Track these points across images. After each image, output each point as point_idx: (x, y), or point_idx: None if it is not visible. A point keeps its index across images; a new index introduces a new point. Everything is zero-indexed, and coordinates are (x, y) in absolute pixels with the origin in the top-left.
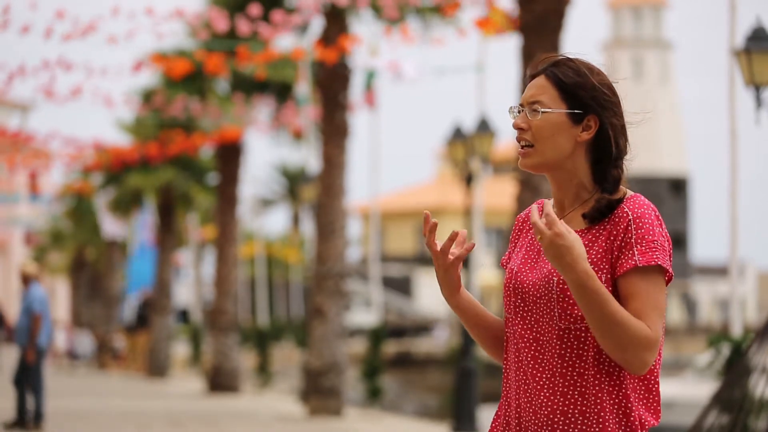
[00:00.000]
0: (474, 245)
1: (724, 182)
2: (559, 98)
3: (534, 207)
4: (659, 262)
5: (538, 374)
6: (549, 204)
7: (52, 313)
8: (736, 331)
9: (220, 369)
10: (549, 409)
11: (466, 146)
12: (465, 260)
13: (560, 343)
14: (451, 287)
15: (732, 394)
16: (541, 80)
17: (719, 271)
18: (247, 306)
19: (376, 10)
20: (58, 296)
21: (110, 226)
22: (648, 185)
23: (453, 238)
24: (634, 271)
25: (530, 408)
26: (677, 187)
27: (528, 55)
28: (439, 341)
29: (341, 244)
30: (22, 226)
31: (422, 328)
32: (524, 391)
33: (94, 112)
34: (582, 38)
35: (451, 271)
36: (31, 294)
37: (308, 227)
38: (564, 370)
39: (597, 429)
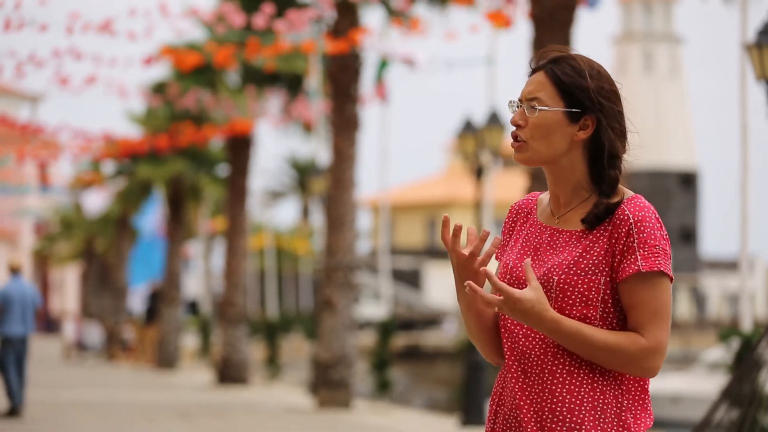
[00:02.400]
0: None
1: (733, 177)
2: (557, 96)
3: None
4: (661, 268)
5: (531, 370)
6: (494, 275)
7: (59, 305)
8: (746, 325)
9: (229, 361)
10: (538, 406)
11: (476, 139)
12: None
13: (554, 341)
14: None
15: (741, 389)
16: (540, 76)
17: (728, 266)
18: (256, 298)
19: (387, 2)
20: (67, 287)
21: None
22: (657, 179)
23: (484, 238)
24: (637, 277)
25: (515, 403)
26: (687, 181)
27: (539, 48)
28: (449, 334)
29: (351, 237)
30: (32, 217)
31: (431, 321)
32: (519, 387)
33: (104, 105)
34: (592, 32)
35: (481, 275)
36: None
37: (318, 219)
38: (554, 368)
39: (585, 428)
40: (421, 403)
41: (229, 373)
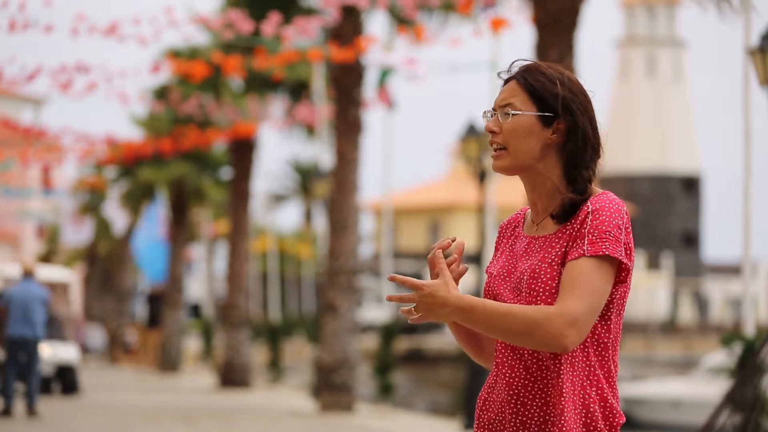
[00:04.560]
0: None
1: (736, 181)
2: (530, 102)
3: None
4: (607, 252)
5: (534, 366)
6: (397, 275)
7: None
8: (749, 330)
9: (231, 364)
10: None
11: (479, 143)
12: (477, 258)
13: None
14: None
15: (744, 394)
16: (512, 85)
17: (731, 270)
18: (258, 301)
19: (392, 10)
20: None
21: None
22: (660, 183)
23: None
24: (580, 260)
25: (501, 406)
26: (689, 185)
27: (542, 52)
28: (451, 338)
29: (354, 240)
30: (35, 220)
31: (434, 324)
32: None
33: (107, 108)
34: (596, 36)
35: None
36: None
37: (321, 223)
38: (529, 364)
39: (565, 416)
40: (424, 407)
41: (232, 376)
